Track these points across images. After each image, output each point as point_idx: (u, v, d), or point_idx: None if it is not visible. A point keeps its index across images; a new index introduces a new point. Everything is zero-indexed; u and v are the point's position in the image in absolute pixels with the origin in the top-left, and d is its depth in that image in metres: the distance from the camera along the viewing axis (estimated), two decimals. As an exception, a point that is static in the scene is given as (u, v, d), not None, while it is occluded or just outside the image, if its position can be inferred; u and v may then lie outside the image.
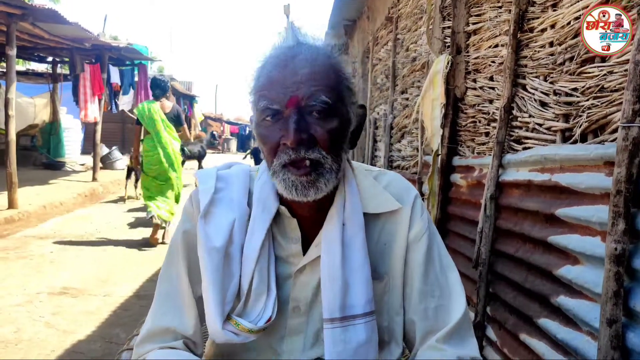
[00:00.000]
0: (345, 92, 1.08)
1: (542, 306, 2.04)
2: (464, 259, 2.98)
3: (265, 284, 1.11)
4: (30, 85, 14.95)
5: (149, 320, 1.16)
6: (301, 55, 1.04)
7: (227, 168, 1.26)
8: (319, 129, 1.02)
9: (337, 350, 1.07)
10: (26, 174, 10.62)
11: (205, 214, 1.12)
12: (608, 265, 1.54)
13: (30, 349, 3.20)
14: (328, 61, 1.06)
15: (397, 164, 5.11)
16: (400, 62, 5.10)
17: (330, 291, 1.08)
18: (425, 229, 1.18)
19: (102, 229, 7.09)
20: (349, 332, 1.08)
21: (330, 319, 1.08)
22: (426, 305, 1.15)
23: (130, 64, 13.97)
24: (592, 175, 1.78)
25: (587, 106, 1.85)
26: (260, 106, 1.03)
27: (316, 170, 1.03)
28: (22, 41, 9.64)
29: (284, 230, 1.16)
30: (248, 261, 1.10)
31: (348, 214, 1.12)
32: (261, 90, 1.05)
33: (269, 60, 1.08)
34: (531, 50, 2.31)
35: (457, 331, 1.13)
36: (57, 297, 4.21)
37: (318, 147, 1.02)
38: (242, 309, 1.10)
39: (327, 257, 1.10)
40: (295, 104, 1.01)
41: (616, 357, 1.51)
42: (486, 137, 2.85)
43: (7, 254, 5.47)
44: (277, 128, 1.03)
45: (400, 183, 1.23)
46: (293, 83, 1.01)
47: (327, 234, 1.11)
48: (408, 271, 1.17)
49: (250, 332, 1.08)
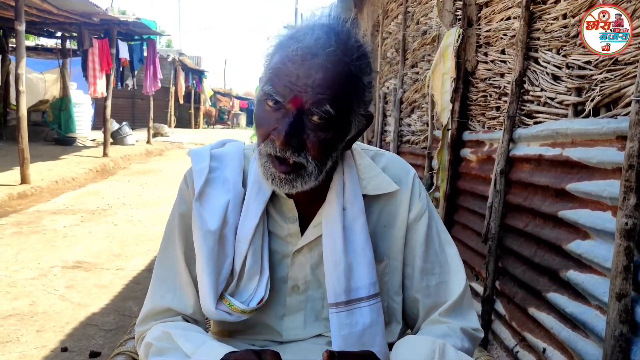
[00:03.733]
0: (354, 104, 1.02)
1: (551, 280, 2.05)
2: (474, 234, 2.99)
3: (259, 264, 1.11)
4: (39, 60, 14.97)
5: (148, 302, 1.17)
6: (322, 55, 0.96)
7: (221, 146, 1.23)
8: (312, 137, 0.98)
9: (343, 334, 1.08)
10: (38, 149, 10.70)
11: (200, 196, 1.11)
12: (618, 240, 1.54)
13: (46, 322, 3.26)
14: (349, 68, 0.99)
15: (407, 139, 5.08)
16: (410, 35, 5.03)
17: (334, 275, 1.09)
18: (424, 208, 1.18)
19: (113, 204, 7.15)
20: (355, 316, 1.08)
21: (335, 304, 1.09)
22: (428, 283, 1.17)
23: (139, 39, 13.91)
24: (604, 150, 1.76)
25: (600, 79, 1.83)
26: (265, 88, 1.00)
27: (297, 171, 1.01)
28: (30, 16, 9.62)
29: (280, 210, 1.16)
30: (241, 242, 1.10)
31: (348, 197, 1.12)
32: (272, 73, 1.00)
33: (292, 39, 1.00)
34: (544, 22, 2.27)
35: (458, 305, 1.15)
36: (71, 270, 4.28)
37: (305, 152, 0.99)
38: (234, 289, 1.11)
39: (329, 241, 1.10)
40: (298, 105, 0.97)
41: (625, 331, 1.51)
42: (497, 112, 2.82)
43: (20, 229, 5.54)
44: (274, 117, 0.99)
45: (398, 164, 1.22)
46: (303, 84, 0.96)
47: (327, 217, 1.11)
48: (408, 251, 1.18)
49: (242, 312, 1.09)
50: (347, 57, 0.99)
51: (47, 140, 13.31)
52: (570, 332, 1.85)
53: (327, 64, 0.96)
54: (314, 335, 1.18)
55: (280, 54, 1.01)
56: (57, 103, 13.47)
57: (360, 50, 1.02)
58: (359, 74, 1.02)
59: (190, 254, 1.15)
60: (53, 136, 13.36)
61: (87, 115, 15.38)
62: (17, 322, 3.23)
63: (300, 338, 1.18)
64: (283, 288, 1.16)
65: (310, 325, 1.17)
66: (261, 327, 1.19)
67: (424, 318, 1.18)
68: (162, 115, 22.55)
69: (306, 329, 1.17)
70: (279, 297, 1.16)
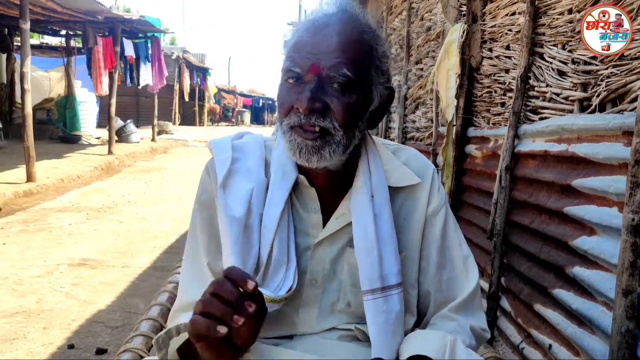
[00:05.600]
0: (373, 70, 1.06)
1: (557, 277, 2.04)
2: (479, 230, 2.98)
3: (285, 254, 1.10)
4: (44, 59, 15.00)
5: (179, 295, 1.18)
6: (335, 24, 1.03)
7: (240, 138, 1.24)
8: (336, 101, 1.00)
9: (380, 321, 1.07)
10: (43, 147, 10.72)
11: (224, 185, 1.11)
12: (625, 236, 1.53)
13: (52, 319, 3.28)
14: (361, 36, 1.04)
15: (412, 135, 5.07)
16: (414, 31, 5.02)
17: (367, 262, 1.08)
18: (442, 203, 1.19)
19: (118, 201, 7.17)
20: (389, 303, 1.08)
21: (371, 290, 1.08)
22: (440, 277, 1.17)
23: (143, 37, 13.92)
24: (610, 146, 1.75)
25: (606, 75, 1.82)
26: (285, 66, 1.04)
27: (323, 137, 1.01)
28: (35, 14, 9.64)
29: (303, 201, 1.15)
30: (267, 231, 1.09)
31: (375, 185, 1.12)
32: (291, 51, 1.04)
33: (305, 25, 1.07)
34: (549, 17, 2.25)
35: (469, 303, 1.16)
36: (77, 268, 4.29)
37: (331, 118, 1.01)
38: (262, 279, 1.09)
39: (360, 228, 1.10)
40: (316, 71, 1.00)
41: (631, 327, 1.51)
42: (502, 108, 2.81)
43: (27, 227, 5.57)
44: (295, 91, 1.02)
45: (420, 159, 1.23)
46: (319, 51, 1.00)
47: (356, 205, 1.11)
48: (425, 245, 1.18)
49: (272, 301, 1.06)
50: (358, 25, 1.05)
51: (53, 138, 13.35)
52: (577, 329, 1.84)
53: (342, 32, 1.02)
54: (326, 329, 1.17)
55: (296, 37, 1.06)
56: (62, 101, 13.49)
57: (370, 23, 1.08)
58: (372, 43, 1.06)
59: (214, 244, 1.14)
60: (58, 134, 13.39)
61: (92, 113, 15.41)
62: (24, 320, 3.25)
63: (313, 331, 1.17)
64: (302, 281, 1.15)
65: (324, 318, 1.17)
66: (272, 323, 1.16)
67: (433, 312, 1.18)
68: (166, 113, 22.56)
69: (319, 322, 1.17)
70: (297, 290, 1.14)
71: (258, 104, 40.61)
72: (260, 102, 41.22)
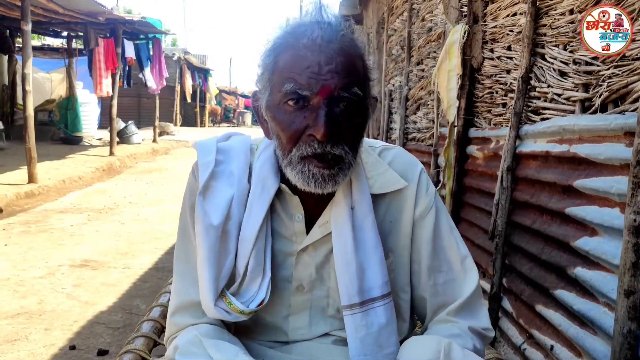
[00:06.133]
0: (368, 86, 1.04)
1: (559, 278, 2.04)
2: (480, 231, 2.98)
3: (262, 266, 1.09)
4: (46, 60, 15.02)
5: (175, 297, 1.16)
6: (337, 40, 0.96)
7: (226, 139, 1.21)
8: (346, 124, 0.97)
9: (360, 335, 1.06)
10: (45, 148, 10.73)
11: (205, 189, 1.09)
12: (627, 237, 1.52)
13: (54, 320, 3.28)
14: (358, 51, 1.01)
15: (413, 136, 5.07)
16: (415, 32, 5.02)
17: (346, 276, 1.07)
18: (431, 204, 1.16)
19: (120, 202, 7.18)
20: (370, 316, 1.07)
21: (349, 305, 1.07)
22: (435, 281, 1.15)
23: (145, 38, 13.93)
24: (612, 146, 1.75)
25: (608, 75, 1.81)
26: (286, 88, 0.96)
27: (338, 164, 0.99)
28: (36, 16, 9.65)
29: (286, 207, 1.14)
30: (245, 242, 1.08)
31: (356, 196, 1.10)
32: (288, 72, 0.97)
33: (295, 35, 0.99)
34: (550, 18, 2.25)
35: (468, 304, 1.14)
36: (78, 269, 4.30)
37: (342, 143, 0.98)
38: (237, 289, 1.09)
39: (339, 241, 1.08)
40: (328, 94, 0.95)
41: (633, 327, 1.50)
42: (503, 108, 2.81)
43: (28, 228, 5.57)
44: (302, 115, 0.97)
45: (405, 158, 1.20)
46: (328, 72, 0.94)
47: (336, 217, 1.09)
48: (415, 248, 1.16)
49: (241, 312, 1.06)
50: (354, 40, 1.01)
51: (54, 139, 13.37)
52: (579, 329, 1.84)
53: (344, 48, 0.97)
54: (320, 335, 1.17)
55: (288, 53, 0.99)
56: (63, 102, 13.51)
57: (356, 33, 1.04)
58: (364, 55, 1.04)
59: None
60: (60, 135, 13.41)
61: (93, 115, 15.42)
62: (25, 321, 3.25)
63: (306, 338, 1.17)
64: (287, 288, 1.14)
65: (316, 324, 1.16)
66: (267, 327, 1.18)
67: (431, 317, 1.17)
68: (167, 114, 22.58)
69: (312, 328, 1.16)
70: (284, 297, 1.14)
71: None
72: (261, 103, 41.08)
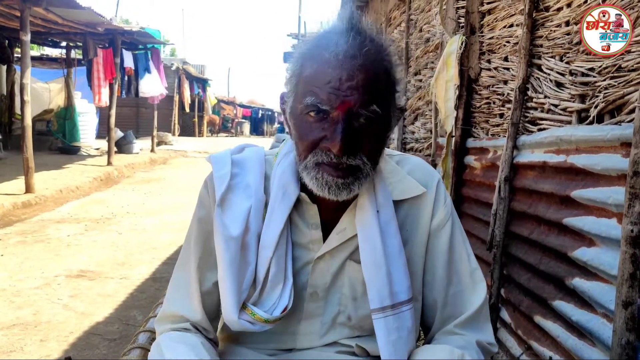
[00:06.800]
0: (392, 99, 1.04)
1: (557, 288, 2.03)
2: (478, 241, 2.98)
3: (283, 272, 1.09)
4: (44, 70, 15.02)
5: (164, 303, 1.19)
6: (360, 56, 0.96)
7: (240, 151, 1.22)
8: (365, 138, 0.98)
9: (392, 339, 1.06)
10: (42, 158, 10.72)
11: (222, 202, 1.10)
12: (624, 248, 1.52)
13: (49, 331, 3.26)
14: (384, 65, 1.01)
15: (411, 146, 5.08)
16: (413, 43, 5.04)
17: (377, 279, 1.07)
18: (448, 216, 1.17)
19: (117, 212, 7.16)
20: (401, 320, 1.07)
21: (381, 308, 1.07)
22: (447, 292, 1.16)
23: (143, 48, 13.97)
24: (609, 157, 1.75)
25: (604, 86, 1.82)
26: (307, 101, 0.97)
27: (354, 174, 1.00)
28: (36, 26, 9.69)
29: (303, 216, 1.14)
30: (265, 249, 1.09)
31: (380, 200, 1.11)
32: (310, 84, 0.98)
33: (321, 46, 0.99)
34: (547, 29, 2.27)
35: (476, 318, 1.14)
36: (75, 280, 4.28)
37: (360, 154, 0.99)
38: (257, 298, 1.09)
39: (368, 245, 1.08)
40: (347, 110, 0.95)
41: (631, 339, 1.50)
42: (500, 119, 2.82)
43: (25, 238, 5.55)
44: (320, 127, 0.98)
45: (424, 168, 1.22)
46: (348, 88, 0.95)
47: (362, 221, 1.09)
48: (430, 258, 1.17)
49: (266, 321, 1.07)
50: (380, 54, 1.01)
51: (52, 149, 13.36)
52: (577, 341, 1.83)
53: (367, 64, 0.97)
54: (327, 344, 1.17)
55: (313, 63, 0.99)
56: (61, 112, 13.51)
57: (387, 44, 1.04)
58: (391, 69, 1.04)
59: (206, 261, 1.14)
60: (57, 145, 13.41)
61: (91, 124, 15.42)
62: (21, 332, 3.23)
63: (316, 345, 1.16)
64: (302, 294, 1.15)
65: (327, 331, 1.16)
66: (272, 335, 1.16)
67: (439, 327, 1.17)
68: (166, 124, 22.60)
69: (322, 335, 1.16)
70: (298, 303, 1.14)
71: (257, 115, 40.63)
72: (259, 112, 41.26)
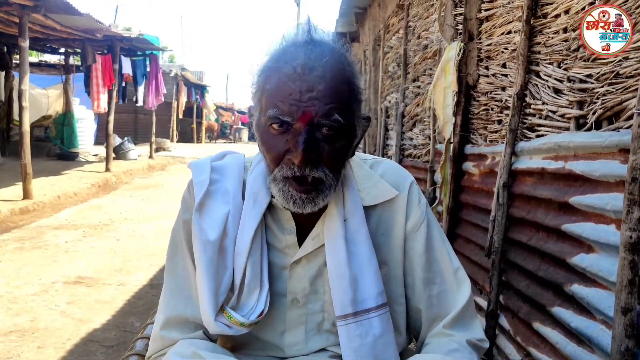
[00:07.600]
0: (355, 107, 1.04)
1: (556, 295, 2.03)
2: (477, 248, 2.97)
3: (258, 278, 1.10)
4: (43, 76, 15.05)
5: (162, 312, 1.17)
6: (320, 67, 0.97)
7: (221, 158, 1.24)
8: (327, 148, 0.99)
9: (354, 346, 1.06)
10: (40, 164, 10.72)
11: (200, 207, 1.12)
12: (623, 254, 1.52)
13: (47, 338, 3.24)
14: (344, 74, 1.01)
15: (409, 153, 5.09)
16: (411, 49, 5.05)
17: (339, 288, 1.08)
18: (423, 217, 1.18)
19: (115, 219, 7.15)
20: (364, 327, 1.07)
21: (343, 316, 1.08)
22: (430, 293, 1.16)
23: (142, 55, 13.99)
24: (607, 163, 1.76)
25: (602, 93, 1.83)
26: (269, 113, 0.98)
27: (317, 188, 1.01)
28: (34, 33, 9.69)
29: (278, 221, 1.16)
30: (240, 255, 1.10)
31: (349, 209, 1.12)
32: (272, 97, 0.99)
33: (282, 60, 1.00)
34: (545, 36, 2.27)
35: (462, 316, 1.15)
36: (72, 286, 4.26)
37: (322, 166, 0.99)
38: (236, 302, 1.10)
39: (332, 254, 1.10)
40: (308, 121, 0.96)
41: (631, 345, 1.50)
42: (499, 125, 2.82)
43: (22, 244, 5.53)
44: (284, 139, 0.99)
45: (396, 171, 1.23)
46: (308, 99, 0.95)
47: (329, 230, 1.11)
48: (408, 261, 1.18)
49: (242, 325, 1.07)
50: (341, 64, 1.01)
51: (50, 155, 13.35)
52: (576, 347, 1.83)
53: (326, 75, 0.97)
54: (316, 350, 1.17)
55: (274, 77, 1.00)
56: (59, 118, 13.52)
57: (347, 54, 1.04)
58: (352, 78, 1.03)
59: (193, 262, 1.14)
60: (55, 151, 13.40)
61: (89, 131, 15.43)
62: (18, 339, 3.21)
63: (303, 353, 1.16)
64: (282, 302, 1.15)
65: (312, 339, 1.16)
66: (263, 343, 1.17)
67: (427, 329, 1.18)
68: (164, 130, 22.60)
69: (308, 343, 1.16)
70: (279, 311, 1.15)
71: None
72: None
